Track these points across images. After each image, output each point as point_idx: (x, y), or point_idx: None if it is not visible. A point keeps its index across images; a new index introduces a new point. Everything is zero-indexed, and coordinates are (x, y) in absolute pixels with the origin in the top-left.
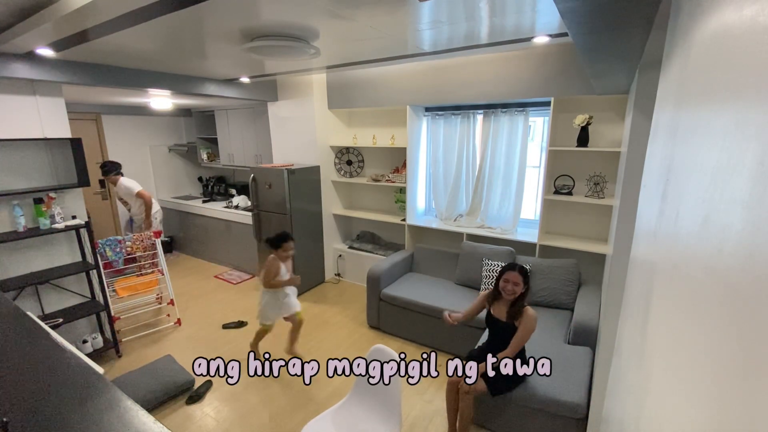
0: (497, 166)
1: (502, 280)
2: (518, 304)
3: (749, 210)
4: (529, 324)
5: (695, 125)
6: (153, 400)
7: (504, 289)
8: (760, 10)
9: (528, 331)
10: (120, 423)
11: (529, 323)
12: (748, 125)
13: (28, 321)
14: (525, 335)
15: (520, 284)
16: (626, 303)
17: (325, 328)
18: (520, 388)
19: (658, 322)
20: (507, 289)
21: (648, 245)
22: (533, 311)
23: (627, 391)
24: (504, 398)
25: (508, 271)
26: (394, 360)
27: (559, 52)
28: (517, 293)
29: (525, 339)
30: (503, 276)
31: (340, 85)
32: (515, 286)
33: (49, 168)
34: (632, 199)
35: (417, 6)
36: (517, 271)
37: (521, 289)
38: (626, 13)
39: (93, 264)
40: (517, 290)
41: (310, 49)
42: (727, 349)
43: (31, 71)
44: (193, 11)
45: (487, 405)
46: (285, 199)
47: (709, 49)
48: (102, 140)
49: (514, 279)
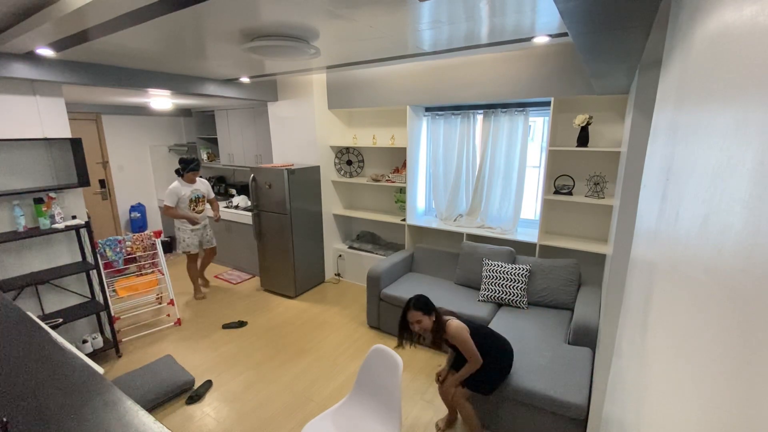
0: (497, 166)
1: (409, 324)
2: (438, 332)
3: (749, 210)
4: (458, 338)
5: (695, 125)
6: (153, 400)
7: (415, 331)
8: (760, 10)
9: (461, 342)
10: (120, 423)
11: (457, 338)
12: (748, 125)
13: (28, 321)
14: (464, 347)
15: (423, 319)
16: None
17: (325, 328)
18: (520, 388)
19: (658, 322)
20: (417, 330)
21: (648, 245)
22: (455, 322)
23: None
24: (504, 398)
25: (408, 313)
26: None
27: (559, 52)
28: (428, 327)
29: (468, 349)
30: (407, 319)
31: (340, 85)
32: (420, 323)
33: (49, 168)
34: (632, 199)
35: (417, 6)
36: (412, 308)
37: (428, 320)
38: (626, 13)
39: (93, 264)
40: (425, 324)
41: (310, 49)
42: (728, 350)
43: (31, 71)
44: (193, 11)
45: (487, 405)
46: (285, 199)
47: (709, 49)
48: (102, 140)
49: (416, 318)
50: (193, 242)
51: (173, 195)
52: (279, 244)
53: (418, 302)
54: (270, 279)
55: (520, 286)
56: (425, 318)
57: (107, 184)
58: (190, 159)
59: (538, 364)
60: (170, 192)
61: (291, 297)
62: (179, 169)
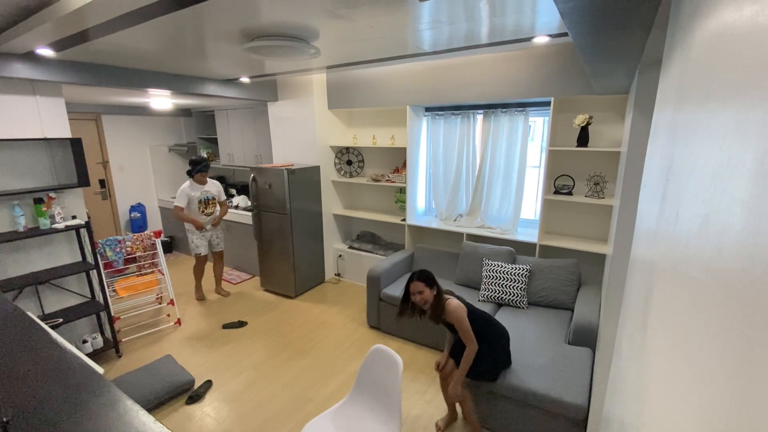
0: (497, 166)
1: (410, 294)
2: (437, 306)
3: (749, 210)
4: (454, 315)
5: (695, 125)
6: (153, 400)
7: (416, 302)
8: (760, 10)
9: (458, 320)
10: (120, 423)
11: (454, 315)
12: (748, 125)
13: (28, 321)
14: (459, 324)
15: (425, 290)
16: (626, 303)
17: (325, 328)
18: (520, 387)
19: (658, 322)
20: (418, 301)
21: (648, 245)
22: (455, 301)
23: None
24: (504, 397)
25: (410, 284)
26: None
27: (559, 52)
28: (428, 300)
29: (464, 328)
30: (409, 290)
31: (340, 85)
32: (421, 294)
33: (49, 168)
34: (632, 199)
35: (417, 6)
36: (416, 279)
37: (430, 293)
38: (626, 13)
39: (93, 264)
40: (426, 296)
41: (310, 49)
42: (728, 350)
43: (31, 71)
44: (193, 11)
45: (487, 405)
46: (285, 199)
47: (709, 49)
48: (102, 140)
49: (417, 288)
50: (203, 243)
51: (183, 196)
52: (279, 244)
53: (422, 274)
54: (270, 279)
55: (520, 286)
56: (427, 290)
57: (107, 184)
58: (199, 160)
59: (538, 364)
60: (180, 193)
61: (291, 297)
62: (190, 170)
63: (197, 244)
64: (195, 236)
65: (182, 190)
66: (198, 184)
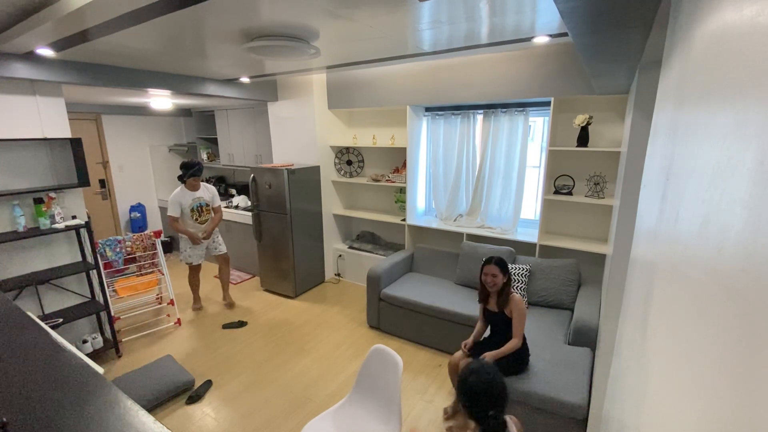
0: (497, 166)
1: (483, 275)
2: (504, 293)
3: (749, 210)
4: (519, 307)
5: (695, 125)
6: (153, 400)
7: (486, 282)
8: (760, 10)
9: (520, 313)
10: (120, 423)
11: (518, 307)
12: (748, 125)
13: (28, 321)
14: (519, 318)
15: (498, 275)
16: (626, 303)
17: (325, 328)
18: (519, 388)
19: (658, 322)
20: (488, 282)
21: (648, 245)
22: (519, 296)
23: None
24: None
25: (486, 266)
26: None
27: (559, 52)
28: (498, 284)
29: (521, 321)
30: (483, 271)
31: (340, 85)
32: (494, 278)
33: (49, 168)
34: (632, 199)
35: (417, 6)
36: (493, 263)
37: (501, 279)
38: (626, 13)
39: (93, 264)
40: (497, 281)
41: (310, 49)
42: (728, 350)
43: (31, 71)
44: (193, 11)
45: None
46: (285, 199)
47: (709, 49)
48: (102, 140)
49: (492, 271)
50: (195, 253)
51: (175, 205)
52: (279, 244)
53: (500, 261)
54: (270, 279)
55: (520, 286)
56: (500, 275)
57: (107, 184)
58: (191, 163)
59: (538, 364)
60: (172, 201)
61: (291, 297)
62: (181, 175)
63: (189, 253)
64: (188, 245)
65: (173, 197)
66: (190, 191)
